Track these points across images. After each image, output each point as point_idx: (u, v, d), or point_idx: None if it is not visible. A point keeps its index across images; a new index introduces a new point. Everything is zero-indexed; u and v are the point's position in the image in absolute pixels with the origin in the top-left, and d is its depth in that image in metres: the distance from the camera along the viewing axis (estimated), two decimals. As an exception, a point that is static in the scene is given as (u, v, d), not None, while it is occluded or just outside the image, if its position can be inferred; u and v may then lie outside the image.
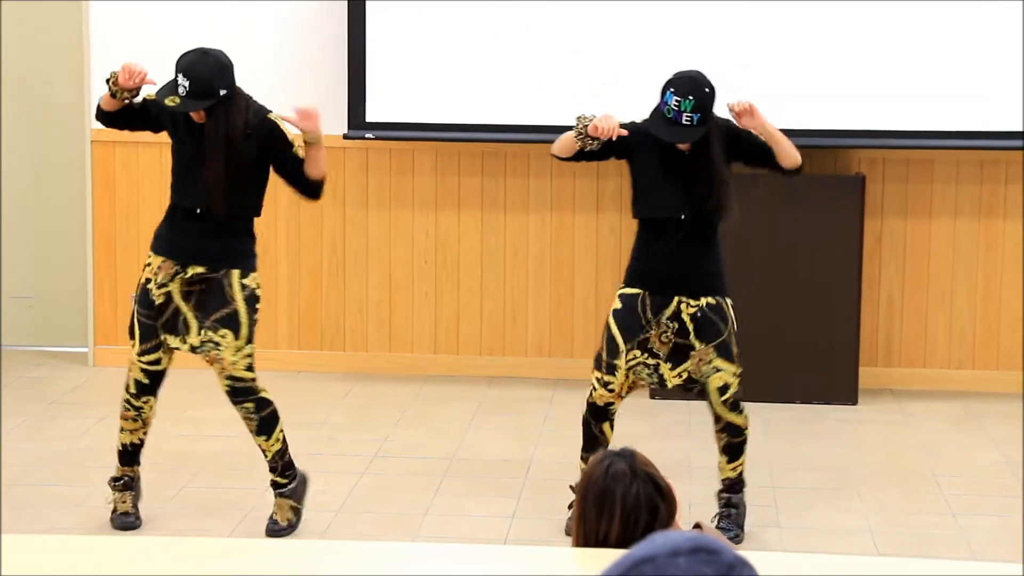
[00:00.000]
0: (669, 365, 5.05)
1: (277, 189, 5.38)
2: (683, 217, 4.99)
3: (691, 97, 4.89)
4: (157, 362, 5.13)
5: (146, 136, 7.17)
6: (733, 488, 5.17)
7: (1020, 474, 5.81)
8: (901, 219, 7.03)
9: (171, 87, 5.01)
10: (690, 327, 5.02)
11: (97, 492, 5.52)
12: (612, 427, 5.14)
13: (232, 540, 4.77)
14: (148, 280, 5.11)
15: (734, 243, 6.76)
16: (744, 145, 5.10)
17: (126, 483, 5.23)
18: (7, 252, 7.66)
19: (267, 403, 5.15)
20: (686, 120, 4.88)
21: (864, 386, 6.90)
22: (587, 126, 4.95)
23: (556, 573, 2.87)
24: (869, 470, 5.97)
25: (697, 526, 3.19)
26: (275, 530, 5.16)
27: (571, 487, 5.20)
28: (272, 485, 5.20)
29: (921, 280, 7.06)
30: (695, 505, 5.30)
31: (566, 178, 7.14)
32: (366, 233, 7.23)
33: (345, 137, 7.00)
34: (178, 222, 5.12)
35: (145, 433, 5.24)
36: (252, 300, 5.12)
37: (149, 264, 5.13)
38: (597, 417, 5.12)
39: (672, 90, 4.93)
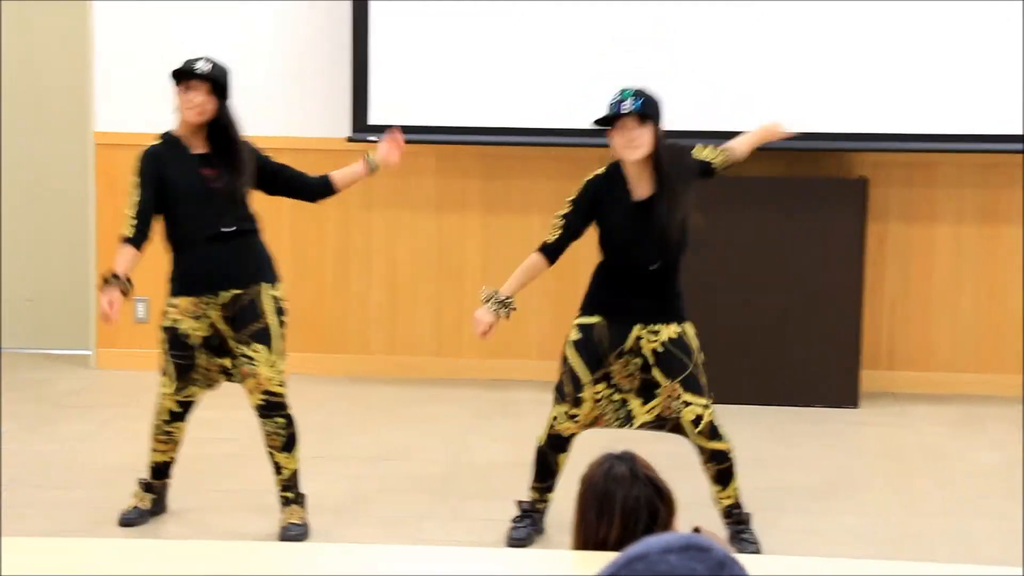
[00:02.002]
0: (640, 400, 4.99)
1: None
2: (653, 268, 4.97)
3: (631, 89, 4.88)
4: (191, 395, 5.18)
5: (150, 139, 7.18)
6: (734, 512, 5.13)
7: (1020, 477, 5.80)
8: (904, 222, 7.03)
9: (182, 69, 5.01)
10: (652, 361, 4.96)
11: (98, 494, 5.52)
12: (567, 458, 5.09)
13: (234, 543, 4.78)
14: (176, 321, 5.07)
15: (736, 246, 6.78)
16: (704, 174, 5.09)
17: (149, 487, 5.29)
18: (10, 254, 7.66)
19: (293, 421, 5.19)
20: (626, 107, 4.82)
21: (866, 389, 6.90)
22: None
23: (550, 575, 2.87)
24: (871, 473, 5.97)
25: (696, 529, 3.19)
26: (296, 533, 5.15)
27: (517, 502, 5.20)
28: (283, 500, 5.21)
29: (924, 283, 7.06)
30: (695, 507, 5.29)
31: (569, 181, 7.09)
32: (369, 235, 7.23)
33: (349, 140, 7.00)
34: (195, 255, 5.07)
35: (176, 451, 5.30)
36: (280, 313, 5.15)
37: (174, 306, 5.08)
38: (557, 448, 5.06)
39: (616, 94, 4.91)
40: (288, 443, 5.16)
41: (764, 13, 6.76)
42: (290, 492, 5.20)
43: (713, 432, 5.02)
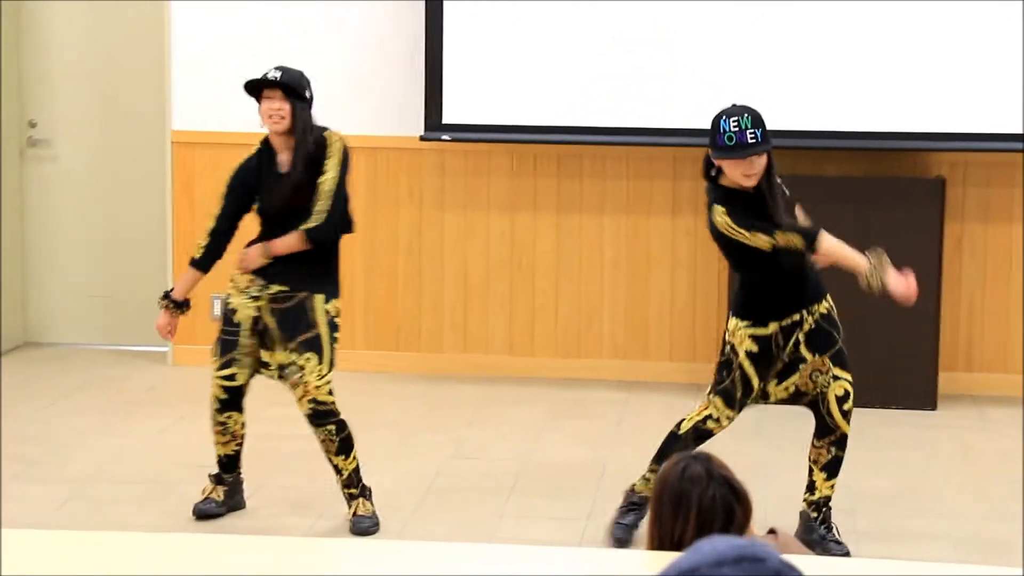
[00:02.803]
0: (775, 380, 4.99)
1: (354, 190, 5.40)
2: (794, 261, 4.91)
3: (746, 115, 4.80)
4: (232, 377, 5.19)
5: (227, 137, 7.25)
6: (825, 508, 5.08)
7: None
8: (982, 223, 6.94)
9: (255, 83, 5.10)
10: (802, 340, 4.93)
11: (174, 490, 5.57)
12: None
13: (305, 539, 4.80)
14: (229, 296, 5.21)
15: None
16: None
17: (220, 479, 5.33)
18: (89, 251, 7.75)
19: (345, 425, 5.20)
20: (751, 137, 4.76)
21: (943, 391, 6.82)
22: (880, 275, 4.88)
23: (626, 575, 2.86)
24: (948, 477, 5.90)
25: (772, 531, 3.17)
26: (367, 525, 5.18)
27: (626, 492, 5.14)
28: (348, 497, 5.24)
29: (1002, 284, 6.97)
30: (770, 510, 5.26)
31: (642, 180, 7.12)
32: (442, 235, 7.25)
33: (422, 139, 7.02)
34: (263, 239, 5.20)
35: (238, 445, 5.32)
36: (333, 327, 5.17)
37: (232, 281, 5.23)
38: (698, 440, 4.99)
39: (724, 118, 4.80)
40: (342, 447, 5.18)
41: (849, 12, 6.70)
42: (353, 488, 5.22)
43: (849, 414, 4.98)
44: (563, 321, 7.24)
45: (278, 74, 5.07)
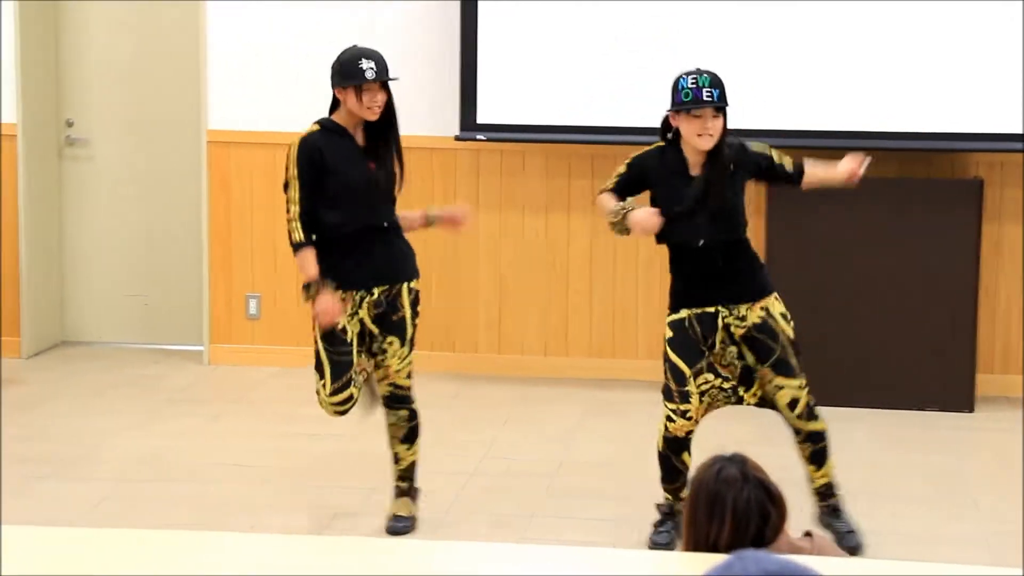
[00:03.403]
0: (744, 387, 4.97)
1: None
2: (700, 244, 4.92)
3: (705, 75, 4.83)
4: (346, 400, 5.05)
5: (262, 137, 7.27)
6: (828, 494, 5.08)
7: None
8: (1020, 223, 6.89)
9: (353, 74, 4.96)
10: (745, 350, 4.92)
11: (208, 489, 5.59)
12: (690, 453, 5.05)
13: (341, 538, 4.80)
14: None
15: (849, 248, 6.70)
16: (766, 172, 4.99)
17: (399, 491, 5.25)
18: (126, 250, 7.78)
19: (417, 414, 5.22)
20: (706, 95, 4.78)
21: (981, 393, 6.78)
22: (626, 216, 4.92)
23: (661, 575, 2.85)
24: (985, 479, 5.86)
25: (807, 534, 3.15)
26: (402, 526, 5.18)
27: (657, 505, 5.16)
28: (397, 491, 5.23)
29: (1040, 286, 6.92)
30: (805, 512, 5.24)
31: (677, 180, 7.09)
32: (477, 235, 7.24)
33: (457, 139, 7.02)
34: (353, 249, 5.00)
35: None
36: (415, 304, 5.14)
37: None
38: (676, 449, 5.01)
39: (683, 76, 4.86)
40: (409, 435, 5.19)
41: (884, 13, 6.66)
42: (404, 483, 5.22)
43: (810, 413, 4.98)
44: (597, 321, 7.22)
45: (372, 64, 4.97)
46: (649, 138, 6.90)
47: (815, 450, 5.04)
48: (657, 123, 5.31)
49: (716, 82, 4.83)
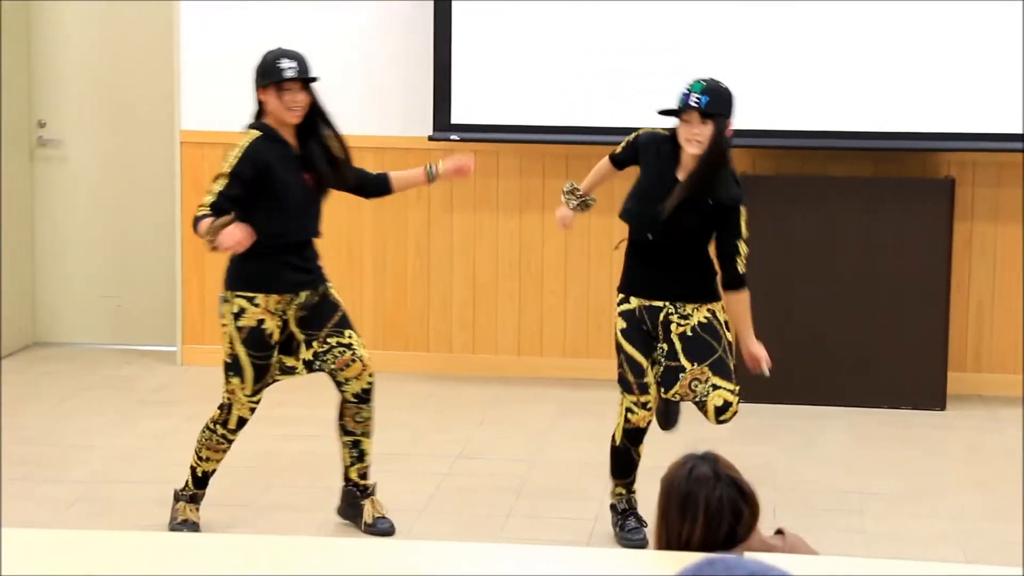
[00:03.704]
0: (664, 387, 4.97)
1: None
2: (649, 238, 4.94)
3: (702, 83, 4.86)
4: (260, 398, 5.09)
5: (235, 138, 7.27)
6: None
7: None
8: (991, 223, 6.93)
9: (271, 72, 4.93)
10: (679, 347, 4.92)
11: (183, 489, 5.57)
12: (642, 448, 5.07)
13: (315, 539, 4.80)
14: (261, 322, 4.97)
15: (821, 246, 6.72)
16: (723, 234, 4.95)
17: (195, 498, 5.19)
18: (98, 251, 7.76)
19: None
20: (693, 101, 4.81)
21: (952, 392, 6.81)
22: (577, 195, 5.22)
23: (634, 574, 2.86)
24: (957, 477, 5.89)
25: (779, 532, 3.17)
26: (389, 526, 5.17)
27: (612, 506, 5.16)
28: (363, 489, 5.22)
29: (1012, 285, 6.96)
30: (779, 510, 5.26)
31: (651, 180, 7.11)
32: (451, 235, 7.25)
33: (430, 139, 7.02)
34: (287, 255, 4.98)
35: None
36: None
37: (256, 304, 4.96)
38: (635, 441, 5.03)
39: (687, 83, 4.90)
40: (372, 429, 5.21)
41: (853, 12, 6.69)
42: (368, 480, 5.22)
43: (726, 422, 4.95)
44: (572, 321, 7.24)
45: (297, 67, 4.94)
46: (622, 138, 6.94)
47: None
48: (631, 123, 5.35)
49: (709, 90, 4.83)
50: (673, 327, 4.94)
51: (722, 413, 4.91)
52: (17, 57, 7.59)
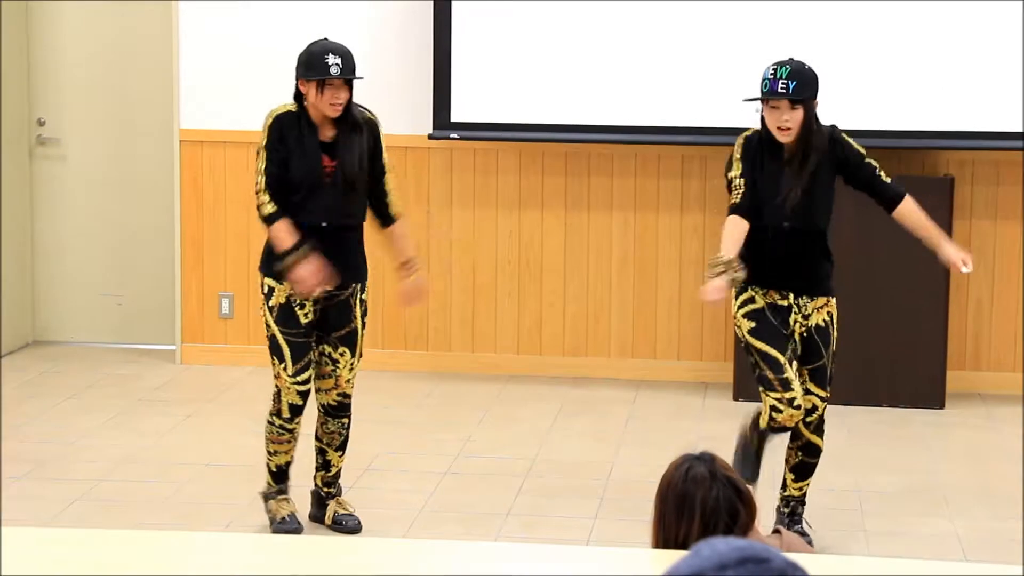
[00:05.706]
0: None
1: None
2: (786, 226, 4.91)
3: (787, 66, 4.82)
4: (308, 380, 5.04)
5: (234, 136, 7.27)
6: (795, 504, 5.09)
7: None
8: (990, 221, 6.94)
9: (318, 67, 4.88)
10: (798, 345, 4.94)
11: (183, 488, 5.58)
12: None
13: (315, 538, 4.81)
14: (289, 299, 4.95)
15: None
16: (852, 169, 4.96)
17: (281, 492, 5.19)
18: (98, 250, 7.76)
19: (351, 422, 5.22)
20: (781, 87, 4.77)
21: (952, 390, 6.81)
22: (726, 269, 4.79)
23: (631, 574, 2.87)
24: (956, 475, 5.89)
25: (776, 531, 3.17)
26: (355, 523, 5.20)
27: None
28: (326, 495, 5.25)
29: (1011, 283, 6.96)
30: (773, 510, 5.26)
31: (650, 178, 7.13)
32: (450, 233, 7.25)
33: (430, 137, 7.03)
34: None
35: (295, 448, 5.18)
36: (365, 315, 5.14)
37: (281, 284, 4.93)
38: (768, 438, 4.98)
39: (769, 66, 4.86)
40: (343, 443, 5.22)
41: (855, 11, 6.69)
42: (333, 487, 5.25)
43: (819, 427, 5.01)
44: (571, 319, 7.24)
45: (338, 60, 4.91)
46: (622, 136, 6.96)
47: (804, 462, 5.04)
48: (631, 122, 5.35)
49: (796, 74, 4.79)
50: (797, 327, 4.93)
51: (808, 415, 4.95)
52: (16, 56, 7.59)
